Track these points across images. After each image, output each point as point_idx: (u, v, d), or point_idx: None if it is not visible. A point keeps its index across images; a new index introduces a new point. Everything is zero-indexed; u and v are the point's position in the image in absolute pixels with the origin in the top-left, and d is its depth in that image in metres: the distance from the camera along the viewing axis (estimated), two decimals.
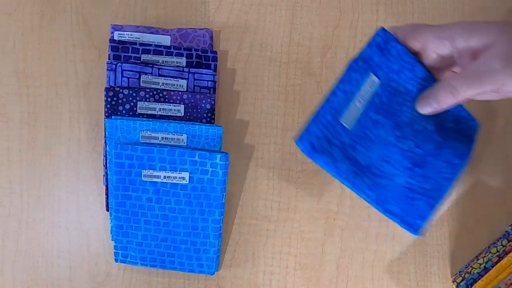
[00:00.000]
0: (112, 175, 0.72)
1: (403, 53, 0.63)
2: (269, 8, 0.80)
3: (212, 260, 0.73)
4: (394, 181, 0.63)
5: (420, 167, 0.64)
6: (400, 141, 0.64)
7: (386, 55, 0.63)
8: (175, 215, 0.72)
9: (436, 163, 0.65)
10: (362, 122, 0.63)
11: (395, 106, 0.64)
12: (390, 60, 0.63)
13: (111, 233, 0.74)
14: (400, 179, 0.64)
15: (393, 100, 0.64)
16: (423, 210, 0.63)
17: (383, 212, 0.62)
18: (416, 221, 0.63)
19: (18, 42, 0.79)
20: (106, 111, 0.74)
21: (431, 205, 0.64)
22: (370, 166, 0.62)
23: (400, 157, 0.64)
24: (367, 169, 0.62)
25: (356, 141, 0.62)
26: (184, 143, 0.73)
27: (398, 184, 0.63)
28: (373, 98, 0.63)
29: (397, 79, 0.64)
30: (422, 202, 0.64)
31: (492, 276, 0.70)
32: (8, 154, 0.77)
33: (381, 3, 0.80)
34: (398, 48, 0.63)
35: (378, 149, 0.63)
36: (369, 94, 0.63)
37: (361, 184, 0.61)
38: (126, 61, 0.76)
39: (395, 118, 0.64)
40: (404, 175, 0.64)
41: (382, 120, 0.64)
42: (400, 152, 0.64)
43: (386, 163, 0.63)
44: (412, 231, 0.62)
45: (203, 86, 0.76)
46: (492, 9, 0.80)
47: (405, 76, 0.64)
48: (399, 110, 0.64)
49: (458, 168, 0.66)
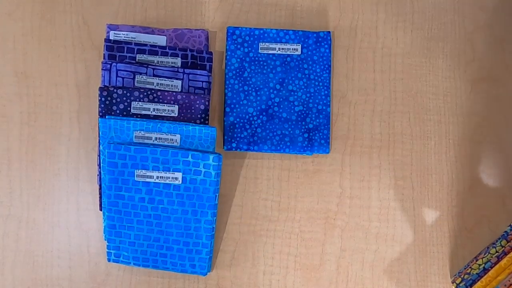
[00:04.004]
0: (105, 174, 0.72)
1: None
2: (269, 8, 0.80)
3: (204, 260, 0.73)
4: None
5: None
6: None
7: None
8: (168, 215, 0.72)
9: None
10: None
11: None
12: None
13: (104, 232, 0.74)
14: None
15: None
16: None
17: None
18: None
19: (18, 42, 0.79)
20: (100, 110, 0.74)
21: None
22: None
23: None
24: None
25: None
26: (178, 143, 0.73)
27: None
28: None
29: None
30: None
31: (491, 277, 0.70)
32: (8, 154, 0.77)
33: (381, 3, 0.80)
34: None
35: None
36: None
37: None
38: (121, 61, 0.76)
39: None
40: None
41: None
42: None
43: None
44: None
45: (197, 86, 0.76)
46: (492, 9, 0.80)
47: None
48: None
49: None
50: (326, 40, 0.78)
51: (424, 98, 0.79)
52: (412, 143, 0.78)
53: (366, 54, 0.80)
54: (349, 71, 0.79)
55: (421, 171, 0.78)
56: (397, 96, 0.79)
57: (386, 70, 0.79)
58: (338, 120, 0.79)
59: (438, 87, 0.79)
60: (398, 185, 0.78)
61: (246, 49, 0.77)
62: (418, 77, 0.79)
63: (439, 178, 0.78)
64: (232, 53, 0.77)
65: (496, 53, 0.80)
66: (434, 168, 0.78)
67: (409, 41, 0.80)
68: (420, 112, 0.79)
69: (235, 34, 0.77)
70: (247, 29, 0.77)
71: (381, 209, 0.77)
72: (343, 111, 0.79)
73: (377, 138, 0.78)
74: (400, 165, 0.78)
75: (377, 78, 0.79)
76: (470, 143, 0.78)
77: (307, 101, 0.77)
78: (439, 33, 0.80)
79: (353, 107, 0.79)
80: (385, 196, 0.77)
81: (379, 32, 0.80)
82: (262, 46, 0.77)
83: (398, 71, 0.79)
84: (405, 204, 0.77)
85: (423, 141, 0.78)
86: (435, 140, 0.78)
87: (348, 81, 0.79)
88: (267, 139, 0.76)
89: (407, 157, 0.78)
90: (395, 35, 0.80)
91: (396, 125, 0.79)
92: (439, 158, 0.78)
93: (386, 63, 0.80)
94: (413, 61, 0.80)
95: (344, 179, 0.78)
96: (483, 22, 0.80)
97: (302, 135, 0.76)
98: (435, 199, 0.77)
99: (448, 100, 0.79)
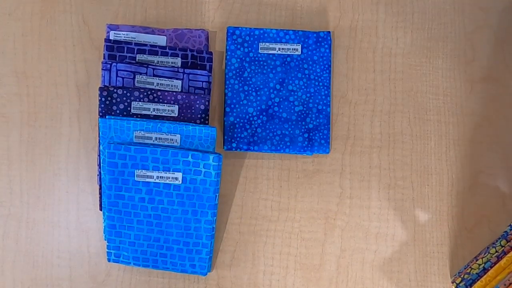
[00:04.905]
0: (105, 174, 0.72)
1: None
2: (269, 8, 0.80)
3: (204, 260, 0.73)
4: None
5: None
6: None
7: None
8: (168, 215, 0.72)
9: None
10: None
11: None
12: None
13: (104, 232, 0.75)
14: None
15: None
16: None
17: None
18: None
19: (18, 42, 0.79)
20: (100, 110, 0.74)
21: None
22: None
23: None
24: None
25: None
26: (178, 143, 0.73)
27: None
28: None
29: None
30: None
31: (491, 276, 0.70)
32: (8, 154, 0.77)
33: (381, 3, 0.80)
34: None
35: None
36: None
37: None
38: (121, 61, 0.76)
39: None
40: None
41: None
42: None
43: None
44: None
45: (197, 86, 0.76)
46: (492, 9, 0.80)
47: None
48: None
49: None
50: (326, 40, 0.78)
51: (424, 98, 0.79)
52: (412, 143, 0.78)
53: (366, 54, 0.80)
54: (349, 71, 0.79)
55: (421, 171, 0.78)
56: (397, 96, 0.79)
57: (386, 70, 0.79)
58: (338, 120, 0.79)
59: (438, 87, 0.79)
60: (398, 185, 0.78)
61: (246, 49, 0.77)
62: (418, 77, 0.79)
63: (439, 178, 0.78)
64: (232, 53, 0.77)
65: (496, 53, 0.80)
66: (434, 168, 0.78)
67: (409, 41, 0.80)
68: (420, 112, 0.79)
69: (235, 34, 0.77)
70: (247, 29, 0.77)
71: (381, 209, 0.77)
72: (343, 111, 0.79)
73: (377, 138, 0.78)
74: (400, 165, 0.78)
75: (377, 78, 0.79)
76: (470, 143, 0.78)
77: (307, 101, 0.77)
78: (439, 33, 0.80)
79: (353, 107, 0.79)
80: (385, 196, 0.77)
81: (379, 32, 0.80)
82: (262, 46, 0.77)
83: (398, 71, 0.79)
84: (405, 204, 0.77)
85: (423, 141, 0.78)
86: (435, 140, 0.78)
87: (348, 81, 0.79)
88: (267, 139, 0.76)
89: (407, 157, 0.78)
90: (395, 35, 0.80)
91: (396, 125, 0.79)
92: (439, 158, 0.78)
93: (386, 63, 0.80)
94: (413, 61, 0.80)
95: (344, 179, 0.78)
96: (483, 22, 0.80)
97: (302, 135, 0.76)
98: (435, 199, 0.77)
99: (448, 100, 0.79)
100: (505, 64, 0.79)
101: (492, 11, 0.80)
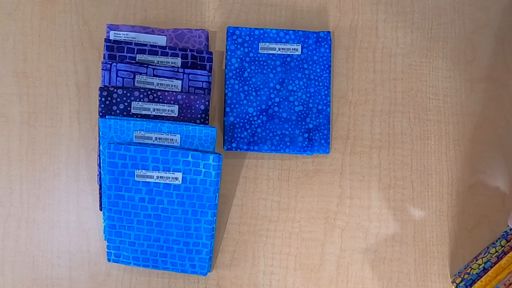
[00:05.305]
0: (105, 174, 0.72)
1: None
2: (269, 8, 0.80)
3: (204, 260, 0.73)
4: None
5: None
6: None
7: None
8: (168, 215, 0.72)
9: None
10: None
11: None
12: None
13: (104, 232, 0.75)
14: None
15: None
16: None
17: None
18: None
19: (18, 42, 0.79)
20: (100, 110, 0.74)
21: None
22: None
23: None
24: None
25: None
26: (178, 143, 0.73)
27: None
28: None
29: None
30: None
31: (491, 276, 0.70)
32: (8, 154, 0.77)
33: (381, 3, 0.80)
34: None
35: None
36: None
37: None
38: (121, 61, 0.76)
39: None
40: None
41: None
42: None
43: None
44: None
45: (197, 86, 0.76)
46: (492, 9, 0.80)
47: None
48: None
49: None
50: (326, 40, 0.78)
51: (424, 98, 0.79)
52: (412, 143, 0.78)
53: (366, 54, 0.80)
54: (349, 71, 0.79)
55: (421, 171, 0.78)
56: (397, 96, 0.79)
57: (386, 70, 0.79)
58: (338, 120, 0.79)
59: (438, 87, 0.79)
60: (398, 185, 0.78)
61: (246, 49, 0.77)
62: (418, 77, 0.79)
63: (439, 178, 0.78)
64: (232, 53, 0.77)
65: (496, 53, 0.80)
66: (434, 168, 0.78)
67: (409, 41, 0.80)
68: (420, 112, 0.79)
69: (235, 34, 0.77)
70: (247, 29, 0.77)
71: (381, 209, 0.77)
72: (343, 111, 0.79)
73: (377, 138, 0.78)
74: (400, 165, 0.78)
75: (377, 78, 0.79)
76: (470, 143, 0.78)
77: (307, 101, 0.77)
78: (439, 33, 0.80)
79: (353, 107, 0.79)
80: (385, 196, 0.77)
81: (379, 32, 0.80)
82: (262, 46, 0.77)
83: (398, 71, 0.79)
84: (405, 204, 0.77)
85: (423, 141, 0.78)
86: (435, 140, 0.78)
87: (348, 81, 0.79)
88: (267, 139, 0.76)
89: (407, 157, 0.78)
90: (395, 35, 0.80)
91: (396, 125, 0.79)
92: (439, 158, 0.78)
93: (386, 63, 0.80)
94: (413, 61, 0.80)
95: (344, 179, 0.78)
96: (483, 22, 0.80)
97: (302, 135, 0.76)
98: (435, 199, 0.77)
99: (448, 100, 0.79)
100: (505, 64, 0.79)
101: (492, 11, 0.80)
